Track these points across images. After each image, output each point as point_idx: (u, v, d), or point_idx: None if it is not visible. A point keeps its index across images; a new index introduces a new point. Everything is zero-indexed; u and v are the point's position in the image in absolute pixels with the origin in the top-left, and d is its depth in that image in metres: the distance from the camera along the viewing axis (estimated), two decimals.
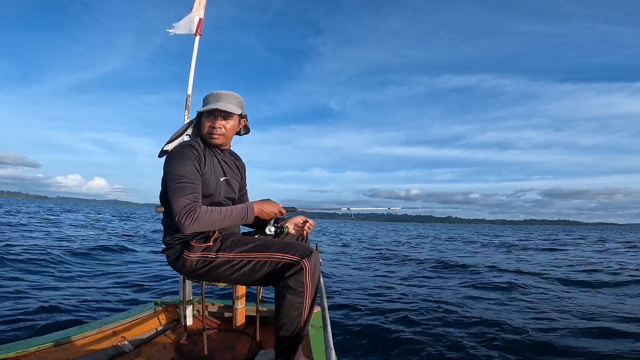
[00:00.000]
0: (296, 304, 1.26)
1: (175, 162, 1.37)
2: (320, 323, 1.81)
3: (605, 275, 6.54)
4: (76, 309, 3.18)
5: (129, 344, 1.81)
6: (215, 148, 1.54)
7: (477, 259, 9.51)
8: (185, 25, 2.33)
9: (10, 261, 5.02)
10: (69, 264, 5.47)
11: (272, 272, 1.32)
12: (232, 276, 1.37)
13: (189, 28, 2.31)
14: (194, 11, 2.33)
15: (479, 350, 2.74)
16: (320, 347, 1.61)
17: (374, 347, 2.79)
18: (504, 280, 5.64)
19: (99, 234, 10.81)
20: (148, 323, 2.03)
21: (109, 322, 1.85)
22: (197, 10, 2.35)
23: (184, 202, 1.30)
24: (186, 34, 2.32)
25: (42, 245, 6.70)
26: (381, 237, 20.83)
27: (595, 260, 9.25)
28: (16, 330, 2.60)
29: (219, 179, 1.51)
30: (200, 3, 2.35)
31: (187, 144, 1.45)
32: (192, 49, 2.27)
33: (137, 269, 5.54)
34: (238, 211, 1.41)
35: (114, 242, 8.58)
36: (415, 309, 3.86)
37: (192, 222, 1.28)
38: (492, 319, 3.50)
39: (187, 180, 1.34)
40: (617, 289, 5.33)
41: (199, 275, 1.44)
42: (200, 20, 2.33)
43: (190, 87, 2.23)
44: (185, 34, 2.32)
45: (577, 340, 2.97)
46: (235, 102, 1.50)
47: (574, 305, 4.18)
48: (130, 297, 3.81)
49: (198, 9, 2.36)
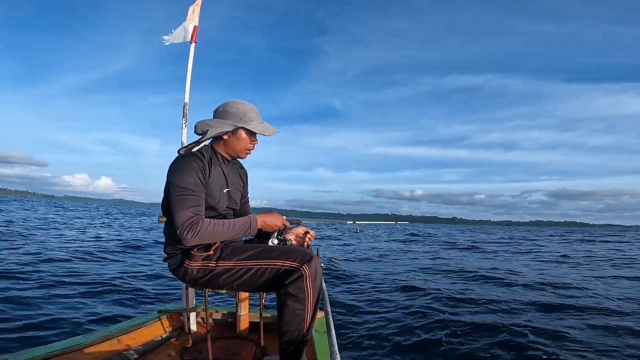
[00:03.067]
0: (298, 311, 1.26)
1: (179, 173, 1.36)
2: (324, 328, 1.82)
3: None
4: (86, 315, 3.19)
5: (134, 352, 1.82)
6: (223, 158, 1.54)
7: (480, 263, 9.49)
8: (180, 34, 2.33)
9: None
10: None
11: (273, 278, 1.32)
12: (234, 284, 1.37)
13: (184, 36, 2.32)
14: (189, 19, 2.34)
15: (488, 353, 2.74)
16: (325, 351, 1.61)
17: (378, 352, 2.78)
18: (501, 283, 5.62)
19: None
20: (152, 331, 2.03)
21: (114, 330, 1.86)
22: (192, 18, 2.35)
23: (186, 215, 1.30)
24: (182, 43, 2.33)
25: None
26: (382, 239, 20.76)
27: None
28: (22, 339, 2.61)
29: (222, 191, 1.51)
30: (194, 11, 2.36)
31: (192, 154, 1.43)
32: (188, 57, 2.28)
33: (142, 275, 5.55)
34: (241, 224, 1.41)
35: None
36: (420, 312, 3.84)
37: (194, 235, 1.28)
38: (494, 323, 3.49)
39: (190, 192, 1.34)
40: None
41: (201, 284, 1.45)
42: (195, 27, 2.34)
43: (187, 95, 2.22)
44: (181, 43, 2.33)
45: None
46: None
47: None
48: (134, 304, 3.81)
49: (192, 17, 2.36)
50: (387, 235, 19.95)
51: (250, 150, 1.53)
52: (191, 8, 2.36)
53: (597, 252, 12.69)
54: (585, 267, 8.24)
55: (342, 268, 7.31)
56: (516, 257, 10.33)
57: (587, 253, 12.12)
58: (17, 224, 12.44)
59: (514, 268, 7.49)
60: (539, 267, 7.99)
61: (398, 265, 7.90)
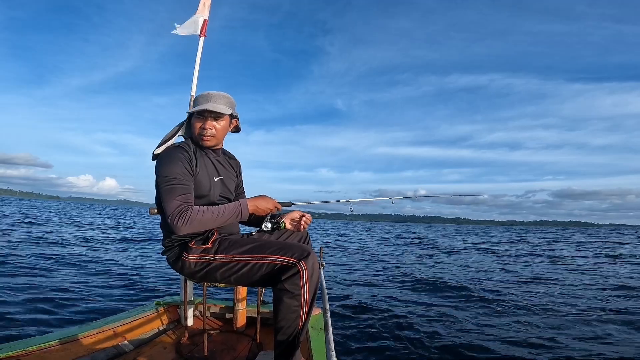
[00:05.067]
0: (293, 307, 1.25)
1: (165, 164, 1.36)
2: (321, 325, 1.80)
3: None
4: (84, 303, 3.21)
5: (130, 344, 1.82)
6: (207, 149, 1.54)
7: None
8: (190, 26, 2.33)
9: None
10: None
11: (270, 274, 1.30)
12: (231, 278, 1.36)
13: (193, 29, 2.31)
14: (199, 12, 2.34)
15: (484, 353, 2.70)
16: (321, 348, 1.60)
17: (375, 350, 2.76)
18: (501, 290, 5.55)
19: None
20: (149, 323, 2.03)
21: (110, 321, 1.86)
22: (202, 11, 2.35)
23: (175, 204, 1.29)
24: (191, 35, 2.33)
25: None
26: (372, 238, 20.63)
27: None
28: (18, 328, 2.63)
29: (213, 179, 1.50)
30: (205, 4, 2.35)
31: (176, 145, 1.44)
32: (197, 50, 2.28)
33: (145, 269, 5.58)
34: (231, 209, 1.40)
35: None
36: (419, 312, 3.82)
37: (184, 223, 1.27)
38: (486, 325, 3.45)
39: (177, 182, 1.34)
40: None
41: (199, 277, 1.44)
42: (205, 21, 2.33)
43: (194, 88, 2.23)
44: (190, 35, 2.33)
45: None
46: (225, 103, 1.48)
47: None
48: (132, 296, 3.83)
49: (203, 10, 2.36)
50: (395, 238, 19.87)
51: (204, 134, 1.47)
52: (202, 1, 2.36)
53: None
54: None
55: (343, 266, 7.30)
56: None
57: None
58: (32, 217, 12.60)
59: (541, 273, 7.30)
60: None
61: (401, 264, 7.85)
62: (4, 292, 3.44)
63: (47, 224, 12.57)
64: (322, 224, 57.11)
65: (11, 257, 5.29)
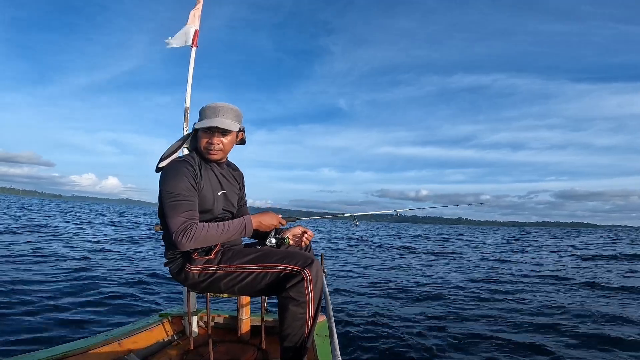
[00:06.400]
0: (299, 315, 1.26)
1: (170, 179, 1.35)
2: (326, 332, 1.81)
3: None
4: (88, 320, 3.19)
5: (135, 356, 1.82)
6: (212, 162, 1.53)
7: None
8: (181, 38, 2.34)
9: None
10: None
11: (274, 282, 1.32)
12: (235, 288, 1.37)
13: (185, 40, 2.32)
14: (189, 23, 2.35)
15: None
16: (327, 355, 1.61)
17: (381, 357, 2.76)
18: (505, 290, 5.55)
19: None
20: (154, 335, 2.03)
21: (115, 334, 1.86)
22: (193, 22, 2.36)
23: (180, 221, 1.29)
24: (183, 47, 2.34)
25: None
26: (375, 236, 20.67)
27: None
28: (24, 341, 2.61)
29: (216, 194, 1.49)
30: (195, 15, 2.37)
31: (181, 159, 1.43)
32: (189, 61, 2.28)
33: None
34: (235, 226, 1.40)
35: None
36: (425, 317, 3.81)
37: (188, 240, 1.28)
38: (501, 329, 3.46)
39: (182, 197, 1.33)
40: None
41: (202, 288, 1.44)
42: (196, 31, 2.34)
43: (189, 100, 2.22)
44: (182, 47, 2.34)
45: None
46: (233, 117, 1.46)
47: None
48: (134, 307, 3.81)
49: (193, 20, 2.37)
50: (397, 239, 19.85)
51: (212, 149, 1.45)
52: (192, 12, 2.37)
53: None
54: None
55: (346, 273, 7.28)
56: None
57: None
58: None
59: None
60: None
61: (405, 271, 7.81)
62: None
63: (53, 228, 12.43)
64: (324, 224, 56.93)
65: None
